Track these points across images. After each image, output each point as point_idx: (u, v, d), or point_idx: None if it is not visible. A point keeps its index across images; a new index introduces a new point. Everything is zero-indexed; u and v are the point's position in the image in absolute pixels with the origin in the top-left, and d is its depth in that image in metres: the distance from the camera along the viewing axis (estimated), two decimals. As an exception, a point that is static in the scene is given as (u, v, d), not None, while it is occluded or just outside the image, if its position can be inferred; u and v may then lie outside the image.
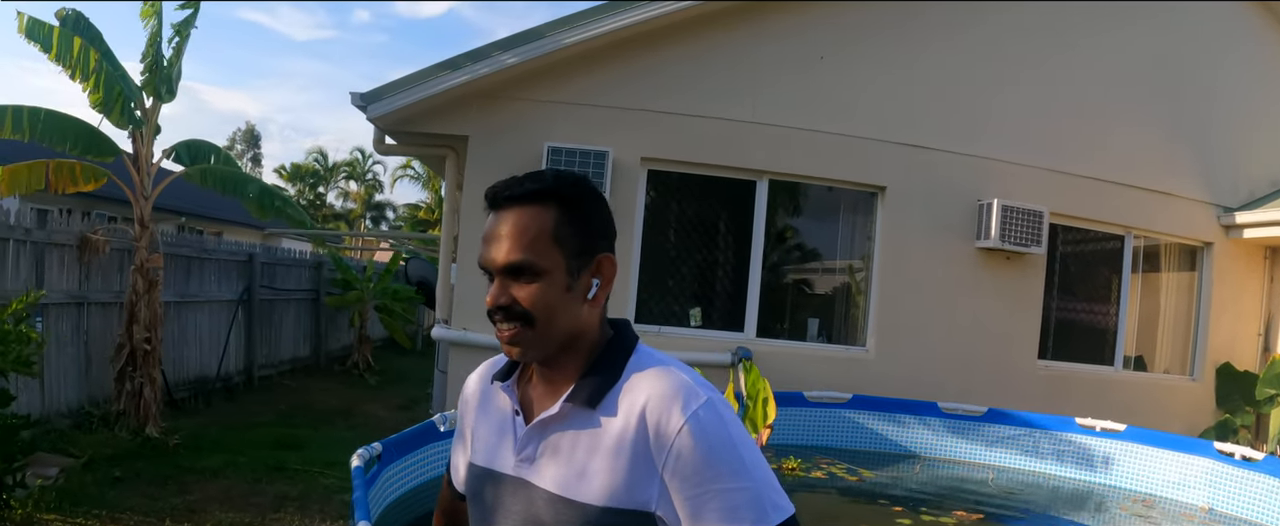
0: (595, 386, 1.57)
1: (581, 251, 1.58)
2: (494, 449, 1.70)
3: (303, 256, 16.05)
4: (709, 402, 1.50)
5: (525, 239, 1.54)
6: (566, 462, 1.56)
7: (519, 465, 1.63)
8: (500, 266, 1.55)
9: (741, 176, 8.63)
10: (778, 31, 8.66)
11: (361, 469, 4.13)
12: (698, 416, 1.48)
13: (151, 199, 9.10)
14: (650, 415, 1.50)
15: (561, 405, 1.58)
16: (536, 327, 1.55)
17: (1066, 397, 8.91)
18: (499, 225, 1.57)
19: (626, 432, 1.51)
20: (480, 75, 7.99)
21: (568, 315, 1.58)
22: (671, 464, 1.47)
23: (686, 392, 1.51)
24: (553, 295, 1.55)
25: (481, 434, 1.76)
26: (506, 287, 1.55)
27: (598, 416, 1.55)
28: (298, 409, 11.47)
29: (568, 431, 1.58)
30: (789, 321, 9.06)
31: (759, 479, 1.48)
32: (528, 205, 1.56)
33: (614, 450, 1.52)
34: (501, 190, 1.59)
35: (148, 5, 8.53)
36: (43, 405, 8.37)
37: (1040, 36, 9.24)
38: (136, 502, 6.84)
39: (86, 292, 9.19)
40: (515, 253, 1.53)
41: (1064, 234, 9.60)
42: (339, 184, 49.18)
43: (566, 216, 1.57)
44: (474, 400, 1.83)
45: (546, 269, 1.54)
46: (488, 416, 1.76)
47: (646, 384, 1.55)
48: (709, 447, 1.46)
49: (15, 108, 8.32)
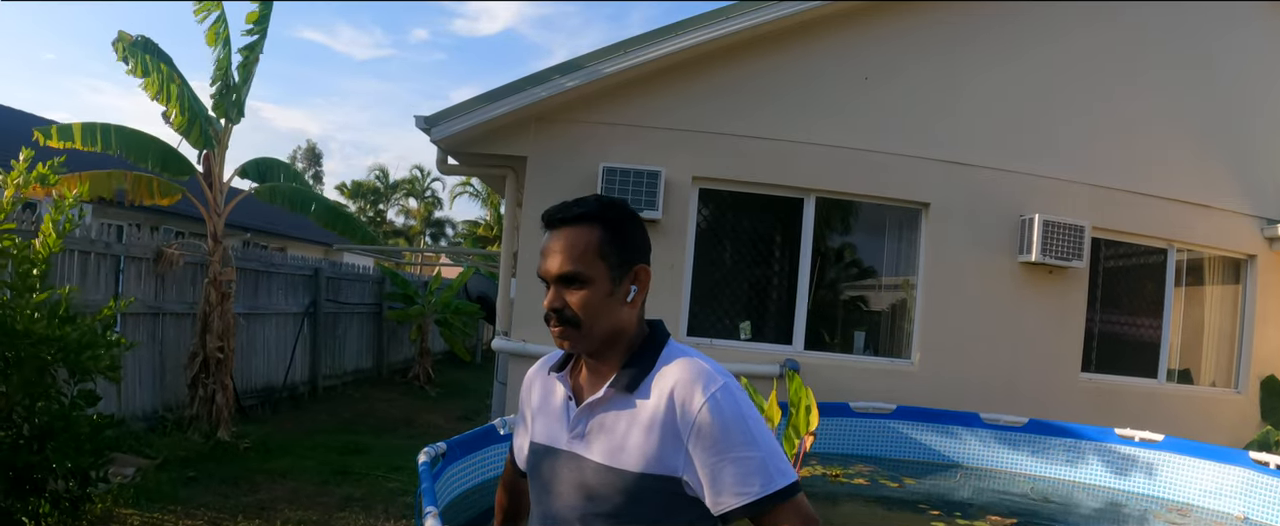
0: (633, 374, 1.88)
1: (621, 263, 1.89)
2: (551, 429, 2.02)
3: (366, 271, 16.28)
4: (725, 386, 1.80)
5: (575, 253, 1.85)
6: (610, 437, 1.87)
7: (572, 441, 1.94)
8: (555, 276, 1.86)
9: (789, 194, 8.64)
10: (824, 53, 8.68)
11: (428, 464, 4.29)
12: (715, 397, 1.77)
13: (224, 215, 9.34)
14: (677, 396, 1.80)
15: (606, 390, 1.89)
16: (582, 326, 1.87)
17: (1111, 411, 8.79)
18: (553, 242, 1.88)
19: (658, 411, 1.81)
20: (539, 99, 8.08)
21: (610, 316, 1.89)
22: (694, 436, 1.76)
23: (706, 377, 1.81)
24: (597, 299, 1.86)
25: (541, 417, 2.07)
26: (560, 294, 1.87)
27: (635, 399, 1.86)
28: (361, 418, 11.64)
29: (611, 412, 1.89)
30: (836, 335, 9.03)
31: (766, 449, 1.76)
32: (577, 225, 1.87)
33: (648, 426, 1.82)
34: (555, 213, 1.91)
35: (211, 31, 8.75)
36: (119, 408, 8.58)
37: (1081, 52, 9.16)
38: (209, 500, 7.01)
39: (161, 303, 9.44)
40: (567, 264, 1.85)
41: (1106, 248, 9.48)
42: (399, 201, 49.64)
43: (609, 235, 1.88)
44: (535, 389, 2.15)
45: (592, 278, 1.85)
46: (546, 402, 2.07)
47: (674, 371, 1.85)
48: (724, 422, 1.75)
49: (103, 125, 8.61)
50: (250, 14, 8.68)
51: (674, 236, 8.37)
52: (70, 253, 8.15)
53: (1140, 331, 9.77)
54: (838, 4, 8.45)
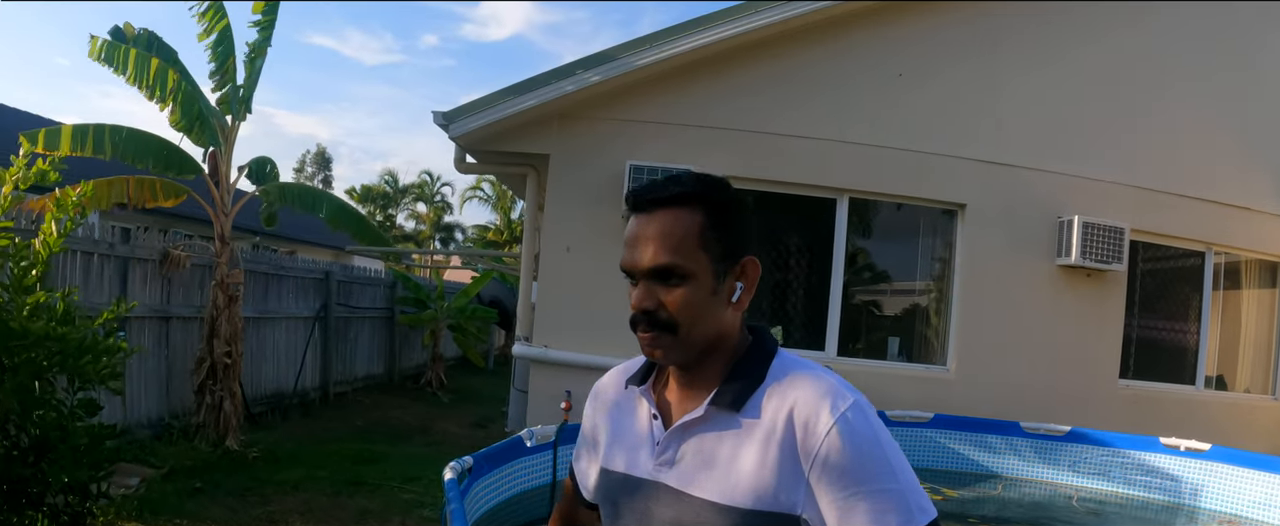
0: (740, 389, 1.50)
1: (727, 254, 1.52)
2: (631, 453, 1.63)
3: (377, 275, 15.88)
4: (856, 404, 1.43)
5: (672, 242, 1.48)
6: (709, 465, 1.49)
7: (657, 469, 1.55)
8: (646, 270, 1.49)
9: (822, 194, 8.23)
10: (858, 50, 8.30)
11: (454, 481, 3.87)
12: (846, 418, 1.41)
13: (231, 215, 8.91)
14: (798, 417, 1.43)
15: (706, 408, 1.51)
16: (680, 332, 1.49)
17: (1149, 418, 8.37)
18: (643, 228, 1.50)
19: (773, 435, 1.44)
20: (562, 94, 7.69)
21: (712, 319, 1.52)
22: (820, 465, 1.40)
23: (834, 395, 1.44)
24: (698, 299, 1.49)
25: (615, 438, 1.69)
26: (652, 292, 1.49)
27: (741, 419, 1.48)
28: (374, 425, 11.20)
29: (710, 434, 1.51)
30: (869, 340, 8.64)
31: (905, 481, 1.41)
32: (674, 208, 1.50)
33: (760, 452, 1.44)
34: (646, 192, 1.53)
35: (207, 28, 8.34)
36: (124, 416, 8.18)
37: (1119, 52, 8.75)
38: (217, 513, 6.60)
39: (168, 307, 9.02)
40: (662, 256, 1.47)
41: (1144, 251, 9.06)
42: (409, 206, 49.11)
43: (713, 219, 1.51)
44: (607, 405, 1.76)
45: (693, 272, 1.48)
46: (622, 420, 1.69)
47: (793, 387, 1.48)
48: (857, 449, 1.39)
49: (97, 127, 8.17)
50: (257, 4, 8.26)
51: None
52: (73, 254, 7.73)
53: (1178, 336, 9.38)
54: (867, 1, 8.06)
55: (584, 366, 7.56)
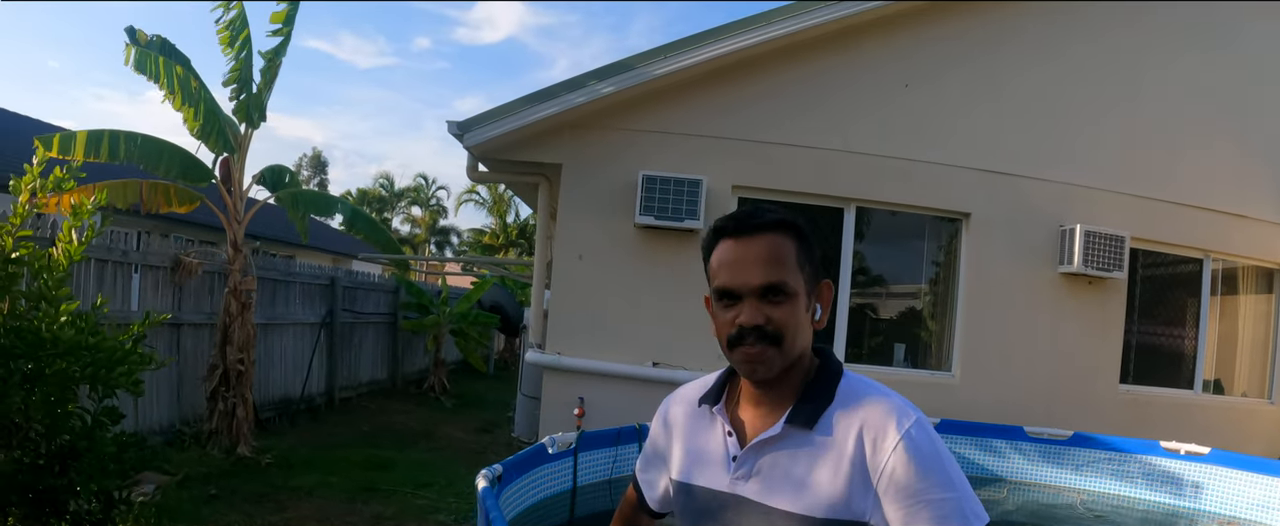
0: (813, 408, 1.63)
1: (814, 276, 1.67)
2: (708, 468, 1.74)
3: (380, 280, 15.86)
4: (918, 422, 1.58)
5: (779, 262, 1.60)
6: (785, 478, 1.61)
7: (735, 483, 1.67)
8: (757, 287, 1.59)
9: (830, 204, 8.27)
10: (866, 61, 8.34)
11: (489, 489, 3.87)
12: (910, 435, 1.54)
13: (244, 223, 8.89)
14: (867, 434, 1.56)
15: (782, 426, 1.63)
16: (784, 346, 1.60)
17: (1148, 422, 8.45)
18: (747, 250, 1.62)
19: (845, 450, 1.57)
20: (575, 104, 7.70)
21: (805, 336, 1.65)
22: (887, 477, 1.53)
23: (899, 414, 1.58)
24: (799, 316, 1.62)
25: (691, 454, 1.80)
26: (760, 308, 1.59)
27: (814, 436, 1.61)
28: (380, 430, 11.17)
29: (786, 450, 1.63)
30: (875, 346, 8.68)
31: (962, 490, 1.55)
32: (774, 233, 1.63)
33: (833, 466, 1.57)
34: (748, 219, 1.65)
35: (226, 30, 8.32)
36: (136, 423, 8.15)
37: (1122, 62, 8.80)
38: (235, 519, 6.59)
39: (179, 314, 9.00)
40: (774, 274, 1.59)
41: (1144, 258, 9.13)
42: (404, 209, 48.94)
43: (802, 244, 1.66)
44: (682, 421, 1.86)
45: (795, 291, 1.61)
46: (696, 437, 1.80)
47: (863, 406, 1.61)
48: (921, 462, 1.53)
49: (111, 133, 8.12)
50: (276, 14, 8.24)
51: (711, 246, 7.96)
52: (87, 261, 7.71)
53: (1176, 342, 9.44)
54: (880, 8, 8.08)
55: (596, 373, 7.58)
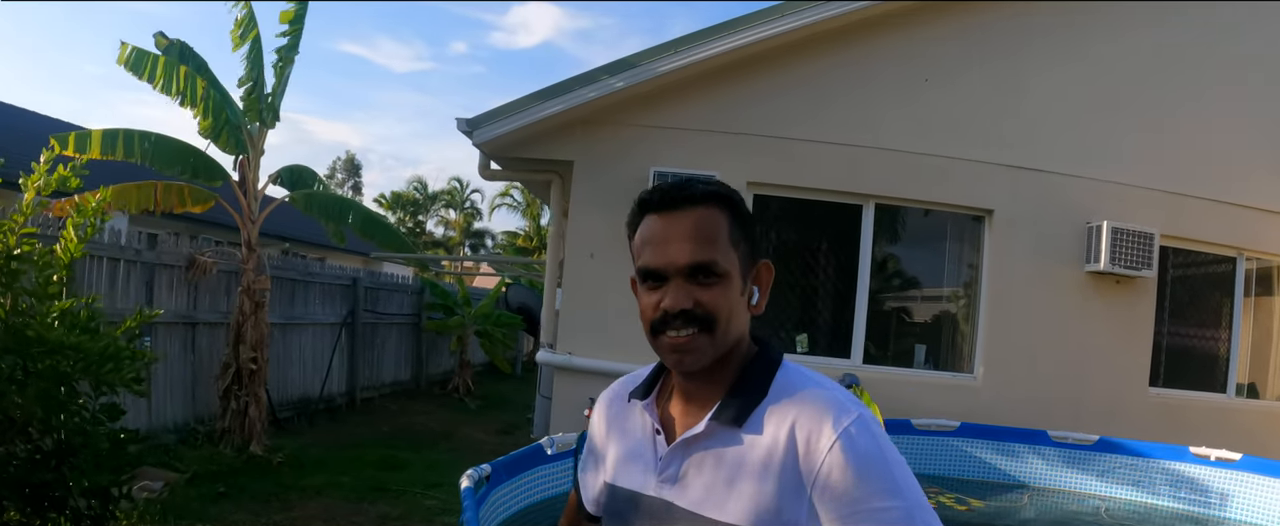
0: (742, 403, 1.44)
1: (749, 255, 1.51)
2: (634, 469, 1.57)
3: (405, 281, 15.85)
4: (860, 419, 1.37)
5: (708, 239, 1.43)
6: (711, 482, 1.43)
7: (660, 485, 1.50)
8: (684, 267, 1.42)
9: (848, 201, 8.09)
10: (884, 55, 8.15)
11: (471, 489, 3.79)
12: (849, 433, 1.34)
13: (258, 222, 8.89)
14: (800, 432, 1.37)
15: (707, 423, 1.45)
16: (716, 332, 1.43)
17: (1180, 427, 8.15)
18: (675, 226, 1.44)
19: (775, 451, 1.38)
20: (586, 100, 7.57)
21: (739, 322, 1.47)
22: (821, 483, 1.33)
23: (837, 409, 1.38)
24: (732, 298, 1.45)
25: (618, 453, 1.63)
26: (689, 291, 1.42)
27: (743, 434, 1.42)
28: (399, 431, 11.15)
29: (713, 450, 1.45)
30: (895, 348, 8.47)
31: (911, 498, 1.33)
32: (704, 206, 1.46)
33: (762, 469, 1.38)
34: (674, 191, 1.48)
35: (239, 38, 8.33)
36: (149, 420, 8.18)
37: (1148, 54, 8.56)
38: (239, 518, 6.57)
39: (195, 313, 9.01)
40: (702, 252, 1.42)
41: (1174, 256, 8.85)
42: (438, 212, 49.00)
43: (737, 220, 1.49)
44: (613, 418, 1.69)
45: (727, 271, 1.44)
46: (624, 435, 1.63)
47: (795, 401, 1.42)
48: (860, 465, 1.32)
49: (125, 131, 8.17)
50: (284, 13, 8.23)
51: (726, 244, 7.83)
52: (99, 260, 7.74)
53: (1208, 344, 9.16)
54: (895, 3, 7.94)
55: (608, 373, 7.46)
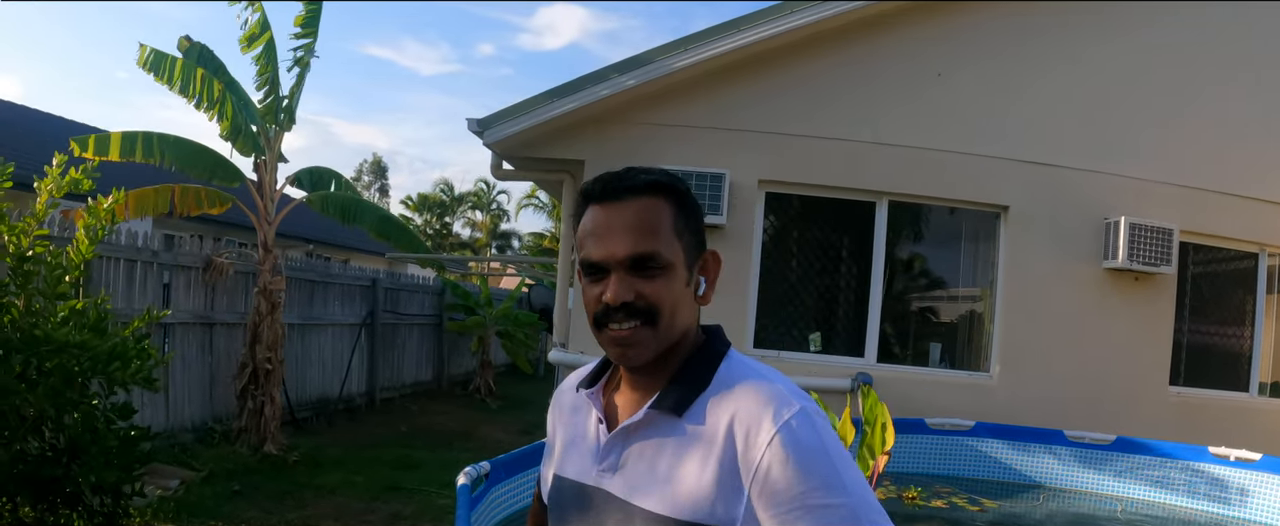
0: (683, 392, 1.43)
1: (695, 246, 1.48)
2: (576, 458, 1.57)
3: (426, 282, 15.95)
4: (802, 411, 1.33)
5: (649, 230, 1.41)
6: (649, 472, 1.41)
7: (600, 475, 1.48)
8: (625, 258, 1.40)
9: (861, 198, 8.06)
10: (895, 50, 8.10)
11: (467, 487, 3.82)
12: (790, 426, 1.31)
13: (275, 224, 8.98)
14: (739, 426, 1.34)
15: (646, 411, 1.43)
16: (659, 325, 1.41)
17: (1200, 427, 8.01)
18: (616, 216, 1.42)
19: (714, 443, 1.36)
20: (596, 99, 7.59)
21: (685, 313, 1.46)
22: (761, 478, 1.30)
23: (779, 402, 1.34)
24: (675, 290, 1.42)
25: (563, 443, 1.64)
26: (630, 284, 1.40)
27: (684, 424, 1.40)
28: (418, 431, 11.22)
29: (652, 439, 1.43)
30: (910, 346, 8.43)
31: (856, 494, 1.28)
32: (647, 196, 1.44)
33: (700, 461, 1.36)
34: (615, 181, 1.46)
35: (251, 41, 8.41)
36: (167, 420, 8.29)
37: (1166, 46, 8.46)
38: (252, 516, 6.65)
39: (212, 313, 9.12)
40: (644, 243, 1.40)
41: (1194, 253, 8.74)
42: (465, 214, 49.14)
43: (682, 210, 1.46)
44: (564, 409, 1.69)
45: (671, 262, 1.42)
46: (573, 425, 1.63)
47: (737, 392, 1.39)
48: (801, 460, 1.29)
49: (144, 134, 8.29)
50: (298, 17, 8.31)
51: (739, 242, 7.82)
52: (116, 262, 7.84)
53: (1230, 341, 9.05)
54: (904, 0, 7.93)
55: (618, 372, 7.49)
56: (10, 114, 17.29)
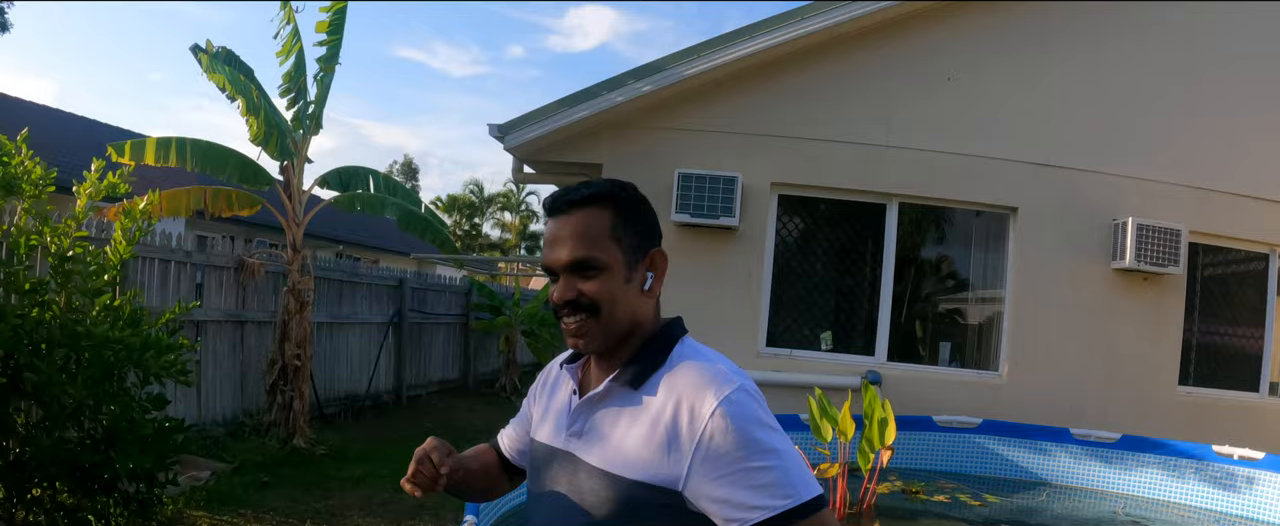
0: (639, 369, 1.66)
1: (637, 247, 1.69)
2: (551, 425, 1.82)
3: (453, 282, 16.25)
4: (741, 388, 1.56)
5: (586, 238, 1.64)
6: (606, 436, 1.65)
7: (568, 439, 1.73)
8: (565, 264, 1.65)
9: (872, 199, 8.24)
10: (907, 54, 8.28)
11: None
12: (730, 400, 1.53)
13: (303, 225, 9.27)
14: (685, 400, 1.56)
15: (607, 384, 1.67)
16: (600, 317, 1.65)
17: (1209, 426, 8.12)
18: (561, 228, 1.67)
19: (663, 414, 1.57)
20: (614, 104, 7.82)
21: (627, 305, 1.67)
22: (704, 446, 1.51)
23: (720, 380, 1.57)
24: (614, 287, 1.65)
25: (541, 412, 1.90)
26: (572, 284, 1.65)
27: (640, 396, 1.63)
28: (444, 427, 11.46)
29: (611, 409, 1.66)
30: (920, 345, 8.60)
31: (787, 459, 1.51)
32: (585, 208, 1.67)
33: (650, 428, 1.58)
34: (561, 197, 1.70)
35: (284, 52, 8.71)
36: (199, 414, 8.60)
37: (1174, 47, 8.57)
38: (280, 505, 6.91)
39: (242, 312, 9.44)
40: (578, 250, 1.63)
41: (1204, 254, 8.83)
42: (494, 215, 49.39)
43: (621, 216, 1.68)
44: (546, 384, 1.96)
45: (607, 263, 1.64)
46: (553, 397, 1.88)
47: (685, 371, 1.62)
48: (740, 430, 1.50)
49: (179, 139, 8.60)
50: (320, 23, 8.60)
51: (752, 243, 8.04)
52: (150, 261, 8.16)
53: (1240, 342, 9.12)
54: (917, 3, 8.09)
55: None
56: (49, 120, 17.77)
